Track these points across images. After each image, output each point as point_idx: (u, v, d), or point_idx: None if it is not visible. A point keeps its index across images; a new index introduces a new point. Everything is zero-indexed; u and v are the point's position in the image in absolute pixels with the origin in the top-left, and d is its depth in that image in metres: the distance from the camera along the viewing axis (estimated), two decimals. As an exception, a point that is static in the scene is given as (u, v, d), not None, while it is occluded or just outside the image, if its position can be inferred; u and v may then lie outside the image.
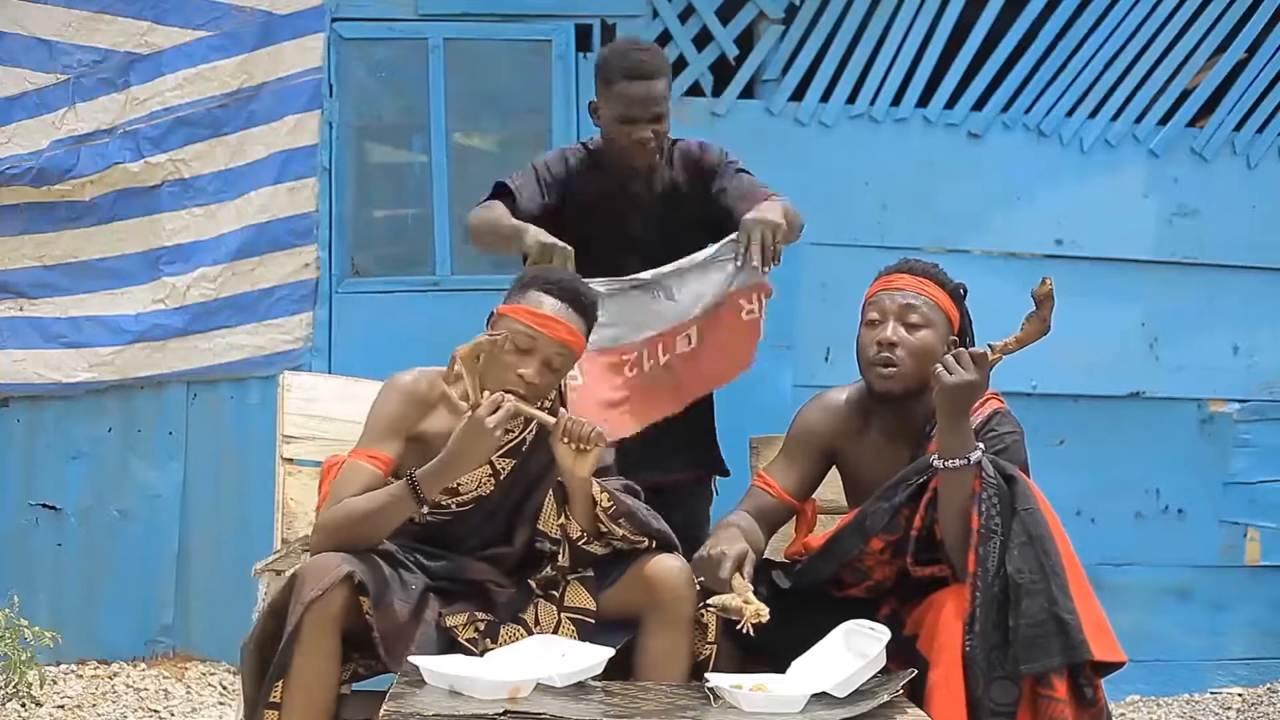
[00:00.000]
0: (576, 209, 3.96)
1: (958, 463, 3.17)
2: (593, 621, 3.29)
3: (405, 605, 3.21)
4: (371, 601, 3.12)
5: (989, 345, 3.21)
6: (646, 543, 3.32)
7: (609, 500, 3.28)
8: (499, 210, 3.82)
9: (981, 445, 3.21)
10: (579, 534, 3.30)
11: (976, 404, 3.28)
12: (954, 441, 3.17)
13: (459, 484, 3.33)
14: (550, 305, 3.28)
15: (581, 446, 3.20)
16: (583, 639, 3.24)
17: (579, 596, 3.31)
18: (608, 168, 4.00)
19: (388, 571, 3.22)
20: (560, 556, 3.33)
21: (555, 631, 3.28)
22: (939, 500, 3.20)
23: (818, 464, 3.50)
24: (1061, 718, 3.05)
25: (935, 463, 3.19)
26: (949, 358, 3.18)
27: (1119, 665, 3.16)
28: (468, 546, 3.41)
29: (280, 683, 3.12)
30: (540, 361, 3.26)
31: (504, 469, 3.38)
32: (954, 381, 3.15)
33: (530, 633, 3.29)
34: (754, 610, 3.09)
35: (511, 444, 3.38)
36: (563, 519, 3.32)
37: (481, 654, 3.23)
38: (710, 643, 3.29)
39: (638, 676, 3.23)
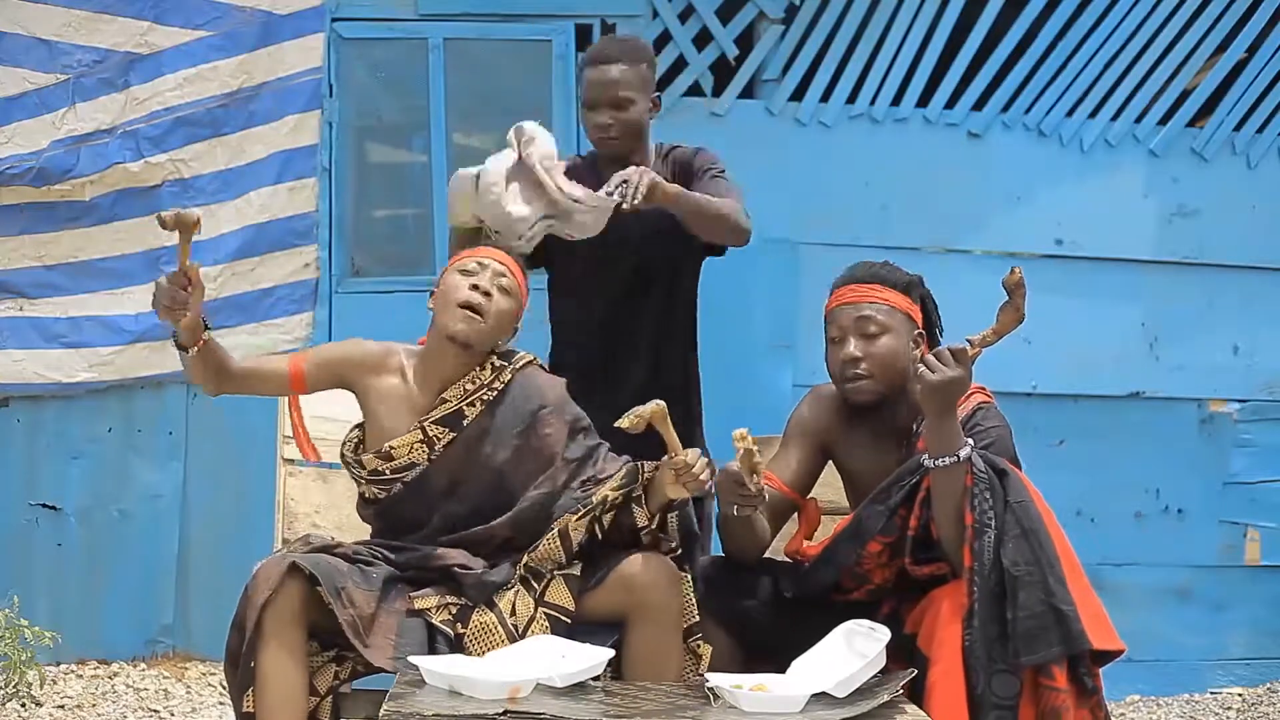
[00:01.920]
0: None
1: (948, 460, 3.17)
2: (568, 621, 3.28)
3: (369, 594, 3.22)
4: (326, 590, 3.14)
5: (967, 340, 3.21)
6: (675, 542, 3.36)
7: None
8: None
9: (970, 440, 3.21)
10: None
11: (962, 399, 3.29)
12: (942, 439, 3.17)
13: (391, 448, 3.40)
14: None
15: (687, 485, 3.28)
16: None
17: (559, 594, 3.30)
18: (598, 165, 4.04)
19: (344, 566, 3.24)
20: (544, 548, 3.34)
21: (529, 625, 3.28)
22: (932, 498, 3.20)
23: (813, 457, 3.52)
24: (1063, 707, 3.06)
25: (925, 462, 3.19)
26: (930, 356, 3.18)
27: (1118, 654, 3.17)
28: (432, 527, 3.42)
29: (251, 690, 3.14)
30: (487, 278, 3.44)
31: (438, 437, 3.41)
32: (937, 379, 3.15)
33: (503, 621, 3.28)
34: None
35: (448, 413, 3.42)
36: (582, 522, 3.32)
37: (455, 638, 3.24)
38: (700, 675, 3.28)
39: (627, 678, 3.23)
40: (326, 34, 5.68)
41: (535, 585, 3.32)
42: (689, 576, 3.36)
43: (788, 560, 3.50)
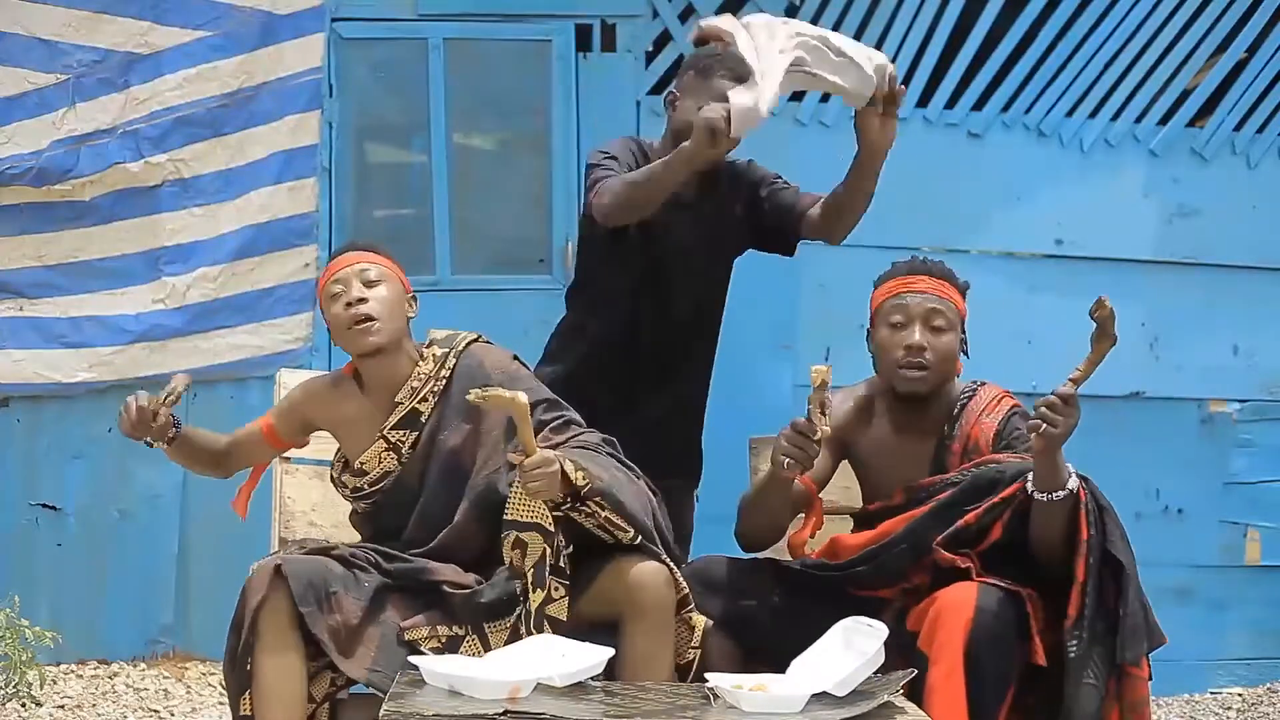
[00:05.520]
0: None
1: (1061, 495, 3.22)
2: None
3: (357, 602, 3.22)
4: (302, 599, 3.12)
5: (1069, 380, 3.24)
6: (632, 533, 3.26)
7: (584, 479, 3.22)
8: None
9: (1071, 466, 3.23)
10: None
11: (993, 404, 3.46)
12: (1052, 477, 3.23)
13: (361, 463, 3.42)
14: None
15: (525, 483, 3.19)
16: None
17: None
18: (650, 157, 3.99)
19: (339, 569, 3.23)
20: (534, 590, 3.24)
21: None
22: (1034, 522, 3.25)
23: (833, 456, 3.57)
24: (1146, 696, 3.19)
25: (1037, 496, 3.21)
26: (1044, 409, 3.18)
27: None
28: (412, 530, 3.40)
29: (248, 693, 3.14)
30: (354, 287, 3.42)
31: (402, 441, 3.41)
32: (1062, 432, 3.19)
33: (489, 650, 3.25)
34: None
35: (403, 415, 3.41)
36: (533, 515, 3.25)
37: None
38: (695, 646, 3.29)
39: (620, 679, 3.22)
40: (326, 34, 5.68)
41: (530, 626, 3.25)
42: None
43: (788, 561, 3.51)
